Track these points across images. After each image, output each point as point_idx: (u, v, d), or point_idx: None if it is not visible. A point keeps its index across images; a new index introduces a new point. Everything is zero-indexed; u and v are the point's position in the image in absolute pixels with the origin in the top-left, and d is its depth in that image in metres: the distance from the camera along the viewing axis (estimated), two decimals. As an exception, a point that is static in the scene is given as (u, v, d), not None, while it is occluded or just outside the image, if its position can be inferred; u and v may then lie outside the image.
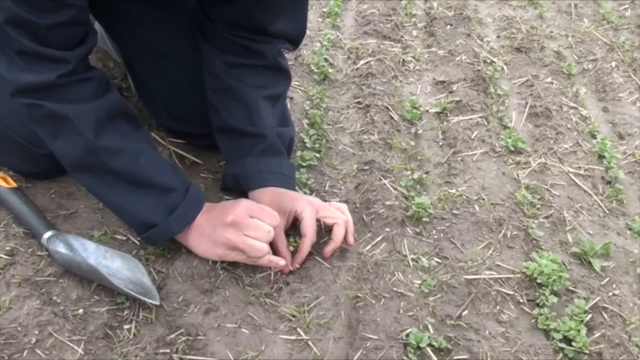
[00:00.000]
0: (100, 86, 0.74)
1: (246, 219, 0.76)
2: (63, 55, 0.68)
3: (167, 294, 0.77)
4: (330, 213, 0.85)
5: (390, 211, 0.96)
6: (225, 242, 0.77)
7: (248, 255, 0.77)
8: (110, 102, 0.74)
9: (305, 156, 1.05)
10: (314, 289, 0.82)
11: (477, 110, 1.28)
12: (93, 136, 0.71)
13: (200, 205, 0.80)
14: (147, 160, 0.75)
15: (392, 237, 0.92)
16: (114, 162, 0.73)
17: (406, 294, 0.83)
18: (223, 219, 0.76)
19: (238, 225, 0.75)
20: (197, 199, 0.80)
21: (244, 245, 0.76)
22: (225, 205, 0.79)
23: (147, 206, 0.76)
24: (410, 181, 1.02)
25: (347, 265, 0.86)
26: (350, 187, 1.02)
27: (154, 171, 0.76)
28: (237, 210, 0.76)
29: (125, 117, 0.76)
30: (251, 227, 0.76)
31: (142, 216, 0.77)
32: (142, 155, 0.75)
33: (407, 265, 0.88)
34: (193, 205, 0.79)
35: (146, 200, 0.76)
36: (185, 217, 0.78)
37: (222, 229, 0.76)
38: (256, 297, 0.80)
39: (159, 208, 0.76)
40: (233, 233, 0.76)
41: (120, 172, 0.74)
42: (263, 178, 0.87)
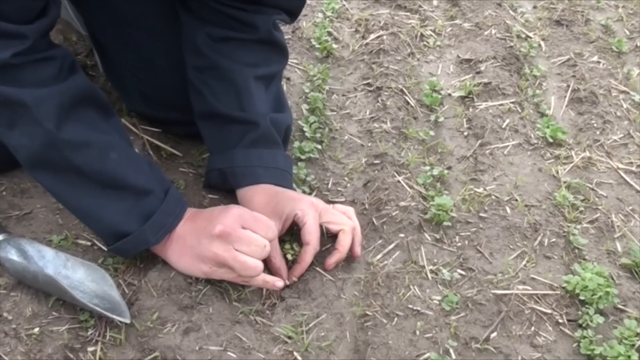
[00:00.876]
0: (64, 67, 0.72)
1: (237, 231, 0.75)
2: (19, 29, 0.66)
3: (139, 310, 0.77)
4: (335, 218, 0.85)
5: (405, 214, 0.96)
6: (212, 257, 0.76)
7: (239, 273, 0.76)
8: (75, 87, 0.73)
9: (305, 148, 1.05)
10: (313, 305, 0.82)
11: (509, 94, 1.27)
12: (54, 127, 0.70)
13: (181, 211, 0.79)
14: (118, 156, 0.74)
15: (407, 245, 0.92)
16: (79, 158, 0.72)
17: (423, 312, 0.83)
18: (210, 229, 0.75)
19: (228, 237, 0.75)
20: (178, 203, 0.79)
21: (234, 262, 0.75)
22: (212, 213, 0.78)
23: (117, 211, 0.75)
24: (429, 178, 1.02)
25: (354, 278, 0.86)
26: (358, 184, 1.02)
27: (126, 169, 0.75)
28: (227, 220, 0.75)
29: (94, 104, 0.75)
30: (243, 241, 0.75)
31: (111, 223, 0.76)
32: (113, 150, 0.74)
33: (424, 278, 0.88)
34: (173, 211, 0.78)
35: (117, 204, 0.75)
36: (164, 226, 0.77)
37: (209, 242, 0.75)
38: (245, 314, 0.80)
39: (132, 214, 0.76)
40: (222, 247, 0.75)
41: (86, 170, 0.72)
42: (254, 173, 0.87)
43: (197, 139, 0.97)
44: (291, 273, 0.84)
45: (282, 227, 0.84)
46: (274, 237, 0.79)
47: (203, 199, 0.95)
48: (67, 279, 0.76)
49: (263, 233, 0.76)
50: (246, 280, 0.79)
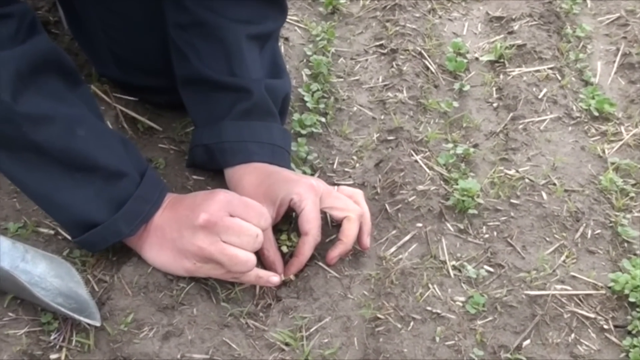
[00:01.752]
0: (22, 27, 0.71)
1: (225, 219, 0.74)
2: None
3: (111, 311, 0.77)
4: (339, 203, 0.84)
5: (423, 199, 0.95)
6: (196, 251, 0.75)
7: (228, 269, 0.76)
8: (35, 50, 0.71)
9: (306, 120, 1.04)
10: (315, 306, 0.82)
11: (548, 58, 1.25)
12: (11, 98, 0.68)
13: (160, 196, 0.79)
14: (86, 132, 0.73)
15: (425, 236, 0.92)
16: (39, 135, 0.70)
17: (444, 315, 0.82)
18: (193, 218, 0.74)
19: (214, 227, 0.74)
20: (156, 187, 0.79)
21: (222, 255, 0.74)
22: (195, 199, 0.78)
23: (85, 198, 0.75)
24: (452, 158, 1.02)
25: (363, 275, 0.86)
26: (369, 164, 1.02)
27: (96, 148, 0.74)
28: (213, 207, 0.74)
29: (58, 71, 0.74)
30: (232, 231, 0.74)
31: (77, 211, 0.75)
32: (80, 124, 0.73)
33: (445, 276, 0.87)
34: (151, 197, 0.78)
35: (84, 189, 0.74)
36: (139, 214, 0.77)
37: (192, 233, 0.75)
38: (235, 317, 0.80)
39: (102, 200, 0.75)
40: (207, 239, 0.74)
41: (48, 148, 0.71)
42: (246, 150, 0.87)
43: (180, 110, 0.97)
44: (288, 268, 0.84)
45: (277, 213, 0.84)
46: (267, 226, 0.78)
47: (186, 181, 0.95)
48: (26, 274, 0.75)
49: (255, 221, 0.75)
50: (237, 276, 0.78)
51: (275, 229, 0.86)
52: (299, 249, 0.83)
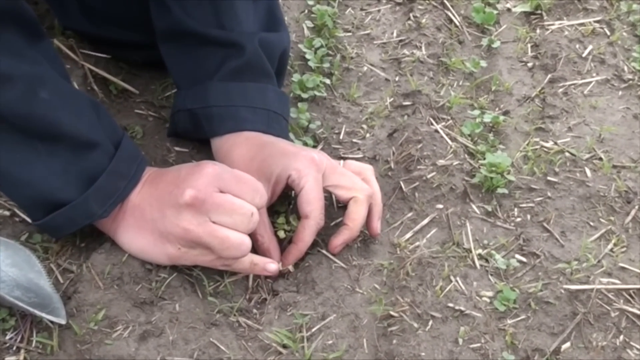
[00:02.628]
0: None
1: (215, 196, 0.74)
2: None
3: (78, 306, 0.76)
4: (345, 180, 0.84)
5: (444, 176, 0.95)
6: (181, 233, 0.75)
7: (219, 254, 0.76)
8: None
9: (307, 82, 1.04)
10: (318, 302, 0.81)
11: (594, 10, 1.24)
12: None
13: (138, 171, 0.79)
14: (51, 95, 0.72)
15: (446, 220, 0.92)
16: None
17: (469, 313, 0.82)
18: (177, 195, 0.74)
19: (202, 206, 0.73)
20: (133, 160, 0.79)
21: (212, 238, 0.74)
22: (179, 173, 0.77)
23: (49, 172, 0.73)
24: (479, 127, 1.01)
25: (374, 265, 0.86)
26: (381, 135, 1.02)
27: (62, 113, 0.73)
28: (200, 181, 0.74)
29: (16, 23, 0.72)
30: (223, 209, 0.74)
31: (40, 189, 0.74)
32: (44, 86, 0.72)
33: (470, 266, 0.87)
34: (127, 171, 0.78)
35: (48, 162, 0.73)
36: (114, 192, 0.76)
37: (176, 213, 0.74)
38: (224, 314, 0.79)
39: (69, 176, 0.74)
40: (194, 219, 0.73)
41: (5, 114, 0.69)
42: (237, 116, 0.87)
43: (159, 69, 0.96)
44: (285, 257, 0.84)
45: (272, 192, 0.84)
46: (263, 204, 0.78)
47: (167, 153, 0.95)
48: (-23, 263, 0.75)
49: (249, 197, 0.75)
50: (228, 263, 0.78)
51: (271, 210, 0.86)
52: (298, 235, 0.83)
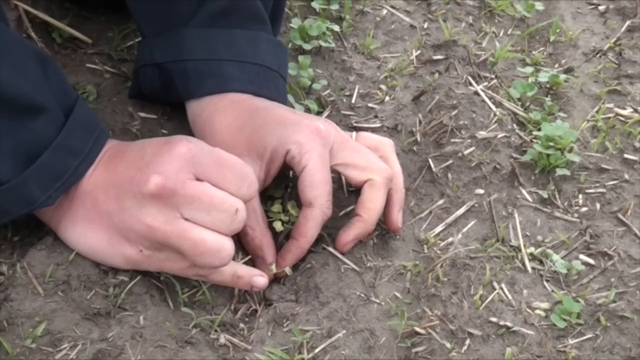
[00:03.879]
0: None
1: (188, 185, 0.73)
2: None
3: (10, 318, 0.75)
4: (360, 158, 0.85)
5: (486, 153, 0.94)
6: (144, 232, 0.74)
7: (191, 261, 0.75)
8: None
9: (311, 29, 1.02)
10: (323, 315, 0.80)
11: None
12: None
13: (95, 147, 0.78)
14: None
15: (489, 209, 0.91)
16: None
17: (518, 330, 0.79)
18: (140, 182, 0.73)
19: (171, 197, 0.73)
20: (89, 132, 0.78)
21: (182, 240, 0.74)
22: (144, 152, 0.76)
23: None
24: (532, 88, 0.99)
25: (394, 267, 0.85)
26: (404, 98, 1.00)
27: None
28: (170, 165, 0.73)
29: None
30: (199, 204, 0.73)
31: None
32: None
33: (520, 270, 0.85)
34: (80, 146, 0.77)
35: None
36: (62, 173, 0.76)
37: (138, 205, 0.74)
38: (202, 329, 0.79)
39: (3, 150, 0.73)
40: (161, 215, 0.73)
41: None
42: (219, 73, 0.88)
43: (118, 11, 0.96)
44: (282, 256, 0.84)
45: (266, 173, 0.84)
46: (252, 194, 0.77)
47: (130, 121, 0.93)
48: None
49: (233, 187, 0.74)
50: (203, 273, 0.78)
51: (264, 196, 0.86)
52: (299, 228, 0.83)
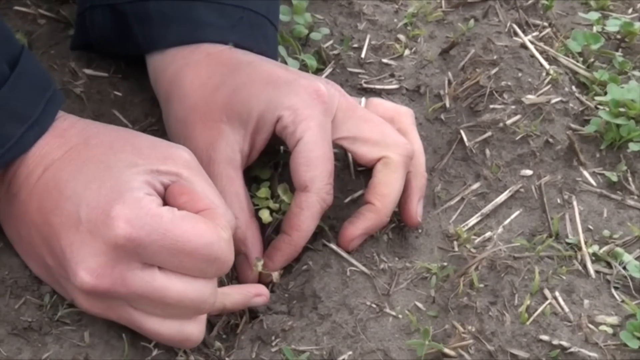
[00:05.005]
0: None
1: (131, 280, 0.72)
2: None
3: None
4: (370, 130, 0.86)
5: (536, 122, 0.94)
6: (86, 310, 0.77)
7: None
8: None
9: None
10: (322, 330, 0.79)
11: None
12: None
13: (48, 111, 0.79)
14: None
15: (538, 195, 0.90)
16: None
17: (577, 351, 0.77)
18: (68, 268, 0.74)
19: (110, 295, 0.73)
20: (39, 91, 0.80)
21: (136, 328, 0.76)
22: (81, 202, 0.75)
23: None
24: (598, 40, 0.99)
25: (414, 270, 0.85)
26: (430, 52, 1.01)
27: None
28: (103, 256, 0.73)
29: None
30: (151, 300, 0.74)
31: None
32: None
33: (579, 274, 0.84)
34: (29, 109, 0.78)
35: None
36: (3, 142, 0.77)
37: (70, 287, 0.75)
38: (167, 350, 0.78)
39: None
40: (103, 303, 0.75)
41: None
42: (191, 17, 0.89)
43: None
44: (270, 255, 0.84)
45: (250, 146, 0.85)
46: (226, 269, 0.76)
47: (72, 80, 0.93)
48: None
49: (196, 273, 0.74)
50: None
51: (248, 176, 0.86)
52: (292, 219, 0.83)
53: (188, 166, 0.77)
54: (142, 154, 0.77)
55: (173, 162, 0.77)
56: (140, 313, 0.74)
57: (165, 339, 0.75)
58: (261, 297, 0.81)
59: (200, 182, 0.78)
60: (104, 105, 0.95)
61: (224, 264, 0.75)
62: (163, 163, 0.76)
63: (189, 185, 0.76)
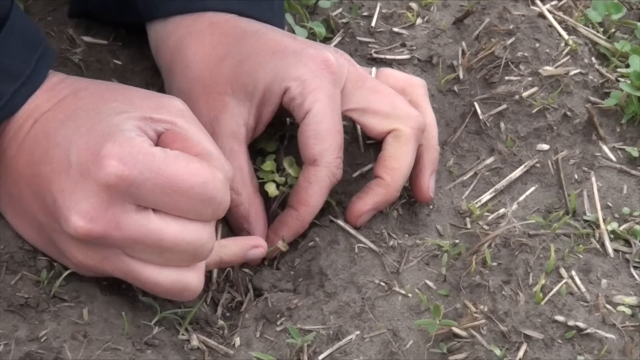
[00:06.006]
0: None
1: (126, 223, 0.72)
2: None
3: None
4: (381, 101, 0.86)
5: (554, 95, 0.93)
6: (80, 267, 0.77)
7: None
8: None
9: None
10: (329, 309, 0.79)
11: None
12: None
13: (40, 68, 0.79)
14: None
15: (555, 170, 0.89)
16: None
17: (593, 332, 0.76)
18: (60, 215, 0.73)
19: (104, 240, 0.73)
20: (31, 47, 0.79)
21: (131, 280, 0.76)
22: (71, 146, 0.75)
23: None
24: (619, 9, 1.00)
25: (425, 247, 0.85)
26: (441, 20, 1.01)
27: None
28: (95, 197, 0.72)
29: None
30: (146, 245, 0.73)
31: None
32: None
33: (597, 252, 0.83)
34: (18, 65, 0.78)
35: None
36: None
37: (64, 238, 0.75)
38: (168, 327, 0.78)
39: None
40: (97, 253, 0.74)
41: None
42: None
43: None
44: (275, 231, 0.85)
45: (256, 119, 0.85)
46: (222, 212, 0.76)
47: (70, 47, 0.94)
48: None
49: (192, 215, 0.74)
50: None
51: (253, 149, 0.86)
52: (299, 193, 0.83)
53: (182, 115, 0.76)
54: (134, 103, 0.77)
55: (167, 110, 0.77)
56: (137, 261, 0.73)
57: (164, 289, 0.75)
58: (259, 249, 0.81)
59: (194, 130, 0.77)
60: (104, 74, 0.94)
61: (220, 205, 0.74)
62: (156, 112, 0.76)
63: (183, 132, 0.75)
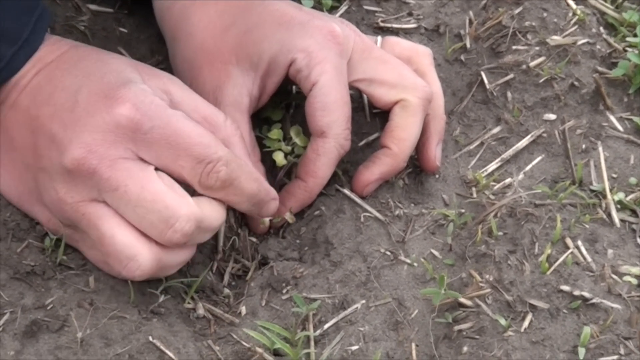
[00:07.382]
0: None
1: (118, 166, 0.74)
2: None
3: None
4: (387, 71, 0.86)
5: (560, 64, 0.93)
6: (56, 203, 0.77)
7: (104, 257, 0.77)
8: None
9: None
10: (335, 278, 0.80)
11: None
12: None
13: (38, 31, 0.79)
14: None
15: (562, 140, 0.90)
16: None
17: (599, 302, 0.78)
18: (60, 145, 0.74)
19: (92, 176, 0.74)
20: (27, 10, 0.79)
21: (92, 228, 0.75)
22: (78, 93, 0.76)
23: None
24: None
25: (431, 216, 0.86)
26: None
27: None
28: (102, 133, 0.74)
29: None
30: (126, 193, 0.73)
31: None
32: None
33: (604, 222, 0.84)
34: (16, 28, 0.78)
35: None
36: None
37: (53, 171, 0.75)
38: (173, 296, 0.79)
39: None
40: (77, 192, 0.75)
41: None
42: None
43: None
44: (283, 200, 0.84)
45: (260, 89, 0.85)
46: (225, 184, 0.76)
47: (76, 15, 0.93)
48: None
49: (186, 172, 0.75)
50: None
51: (258, 118, 0.87)
52: (307, 165, 0.84)
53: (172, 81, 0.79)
54: (133, 62, 0.79)
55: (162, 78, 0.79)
56: (108, 210, 0.73)
57: (116, 245, 0.74)
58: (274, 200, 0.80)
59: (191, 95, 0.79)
60: (109, 42, 0.95)
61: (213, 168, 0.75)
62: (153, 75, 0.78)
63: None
